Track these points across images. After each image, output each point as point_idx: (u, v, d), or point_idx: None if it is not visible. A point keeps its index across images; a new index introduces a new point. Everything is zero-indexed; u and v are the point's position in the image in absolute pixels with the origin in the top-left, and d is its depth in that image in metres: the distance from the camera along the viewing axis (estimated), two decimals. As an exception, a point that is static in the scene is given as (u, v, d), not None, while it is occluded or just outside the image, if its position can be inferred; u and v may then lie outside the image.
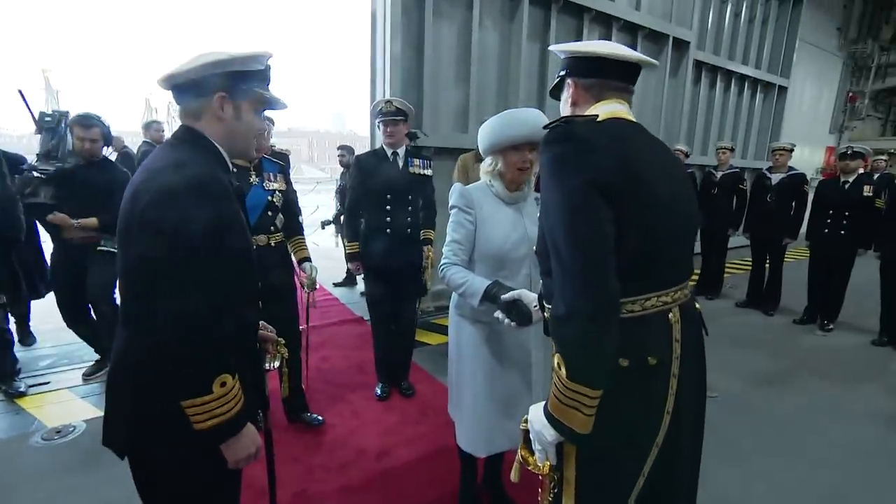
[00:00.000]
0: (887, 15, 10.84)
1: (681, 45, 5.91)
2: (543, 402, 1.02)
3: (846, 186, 4.03)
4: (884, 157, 5.50)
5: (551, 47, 1.20)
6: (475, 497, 1.97)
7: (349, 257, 2.73)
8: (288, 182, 2.33)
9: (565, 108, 1.15)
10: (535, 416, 1.01)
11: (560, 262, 0.93)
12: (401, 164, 2.62)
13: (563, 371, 0.91)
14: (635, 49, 5.38)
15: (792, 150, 4.43)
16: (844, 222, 4.02)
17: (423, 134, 3.99)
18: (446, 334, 3.81)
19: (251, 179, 2.18)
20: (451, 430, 2.49)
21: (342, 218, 4.79)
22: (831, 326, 4.29)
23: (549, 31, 4.77)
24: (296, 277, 2.42)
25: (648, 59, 1.10)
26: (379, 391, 2.88)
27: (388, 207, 2.57)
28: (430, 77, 4.08)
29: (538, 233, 1.14)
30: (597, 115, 1.02)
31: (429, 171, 2.73)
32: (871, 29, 10.63)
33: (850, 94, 10.58)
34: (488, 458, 1.95)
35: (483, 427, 1.67)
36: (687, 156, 5.39)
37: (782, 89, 7.85)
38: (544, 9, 4.74)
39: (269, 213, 2.22)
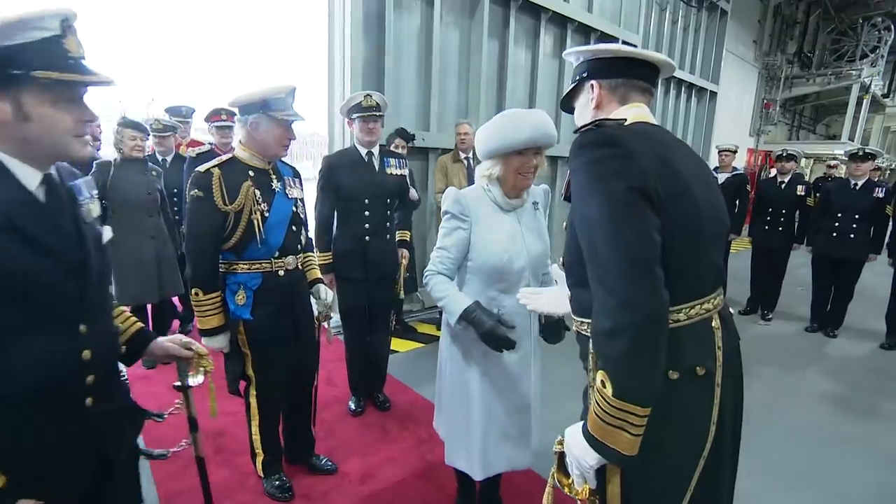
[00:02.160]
0: (792, 32, 12.06)
1: (628, 50, 6.15)
2: (580, 424, 0.95)
3: (783, 186, 4.36)
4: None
5: (566, 52, 1.15)
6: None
7: (322, 269, 2.49)
8: (302, 189, 1.94)
9: (586, 112, 1.11)
10: (574, 439, 0.95)
11: (601, 272, 0.87)
12: (377, 165, 2.44)
13: (609, 389, 0.85)
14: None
15: (736, 152, 4.74)
16: (782, 219, 4.35)
17: (421, 138, 3.83)
18: (417, 340, 3.77)
19: (273, 185, 1.75)
20: (435, 443, 2.39)
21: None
22: (770, 316, 4.64)
23: (509, 29, 4.75)
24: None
25: (669, 60, 1.08)
26: (353, 406, 2.70)
27: (367, 213, 2.38)
28: (391, 73, 3.90)
29: (566, 242, 1.08)
30: (625, 119, 1.00)
31: (405, 172, 2.58)
32: (780, 43, 11.75)
33: (765, 102, 11.64)
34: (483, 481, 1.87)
35: (482, 449, 1.58)
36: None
37: (713, 94, 8.44)
38: (503, 6, 4.71)
39: (294, 228, 1.81)
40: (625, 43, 6.01)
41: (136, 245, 2.99)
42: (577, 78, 1.10)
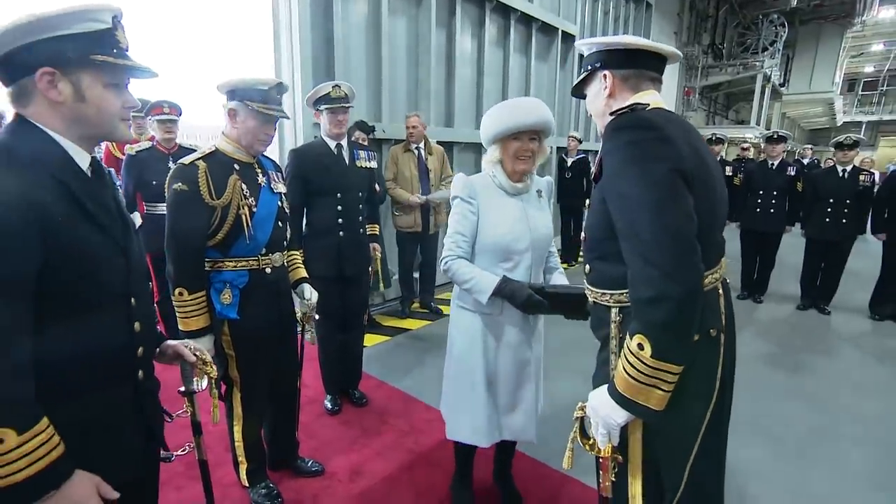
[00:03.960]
0: (705, 25, 13.09)
1: (567, 39, 6.38)
2: (604, 387, 1.04)
3: (712, 168, 4.75)
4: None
5: (578, 42, 1.20)
6: (471, 494, 1.92)
7: None
8: (285, 183, 1.88)
9: (599, 100, 1.16)
10: (601, 400, 1.03)
11: (642, 247, 0.94)
12: (347, 157, 2.37)
13: (648, 350, 0.93)
14: (530, 41, 5.66)
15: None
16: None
17: (381, 129, 3.77)
18: (383, 334, 3.75)
19: (259, 180, 1.68)
20: (419, 434, 2.42)
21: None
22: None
23: (455, 18, 4.76)
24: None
25: (676, 51, 1.16)
26: (329, 405, 2.64)
27: (340, 207, 2.31)
28: (341, 64, 3.78)
29: (589, 219, 1.15)
30: (647, 105, 1.05)
31: (374, 164, 2.53)
32: (696, 35, 12.71)
33: (686, 89, 12.56)
34: (497, 454, 1.94)
35: (486, 416, 1.65)
36: (580, 142, 5.88)
37: (642, 83, 8.98)
38: (449, -4, 4.71)
39: (280, 224, 1.75)
40: (563, 33, 6.24)
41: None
42: (590, 67, 1.15)
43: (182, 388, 1.22)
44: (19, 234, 0.77)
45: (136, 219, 3.12)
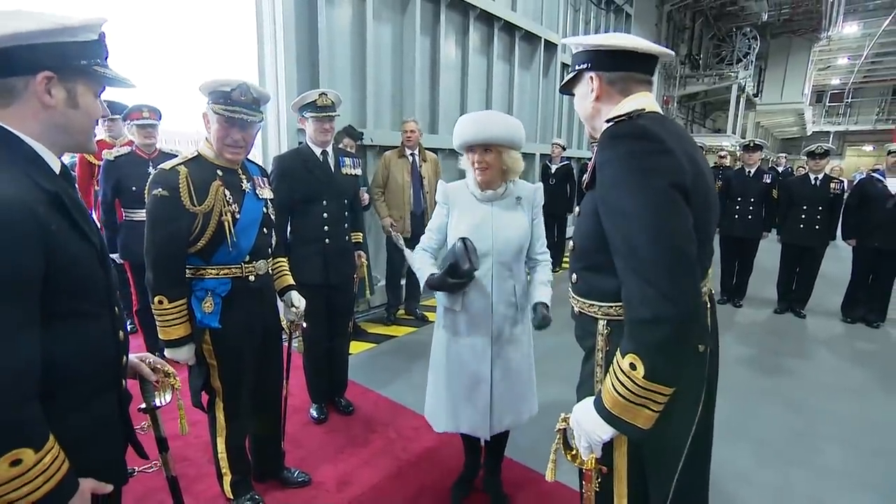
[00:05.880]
0: (682, 36, 13.45)
1: (550, 47, 6.47)
2: (590, 400, 1.00)
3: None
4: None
5: (565, 40, 1.17)
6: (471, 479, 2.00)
7: None
8: (271, 189, 1.84)
9: (586, 102, 1.12)
10: (585, 416, 0.99)
11: (639, 266, 0.89)
12: (332, 164, 2.36)
13: (640, 371, 0.89)
14: (513, 49, 5.67)
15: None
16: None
17: (369, 138, 3.78)
18: (368, 341, 3.71)
19: (243, 186, 1.65)
20: (406, 441, 2.40)
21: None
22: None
23: (439, 25, 4.79)
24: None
25: (667, 50, 1.11)
26: (315, 413, 2.60)
27: (326, 215, 2.29)
28: (325, 70, 3.77)
29: (578, 228, 1.12)
30: (643, 110, 1.00)
31: (359, 171, 2.52)
32: (673, 45, 13.03)
33: (665, 98, 12.85)
34: (486, 460, 1.98)
35: (442, 405, 1.76)
36: (564, 149, 5.96)
37: (622, 92, 9.17)
38: (433, 2, 4.74)
39: (265, 231, 1.71)
40: (546, 41, 6.33)
41: None
42: (577, 67, 1.10)
43: (142, 406, 1.16)
44: (25, 236, 0.75)
45: None
